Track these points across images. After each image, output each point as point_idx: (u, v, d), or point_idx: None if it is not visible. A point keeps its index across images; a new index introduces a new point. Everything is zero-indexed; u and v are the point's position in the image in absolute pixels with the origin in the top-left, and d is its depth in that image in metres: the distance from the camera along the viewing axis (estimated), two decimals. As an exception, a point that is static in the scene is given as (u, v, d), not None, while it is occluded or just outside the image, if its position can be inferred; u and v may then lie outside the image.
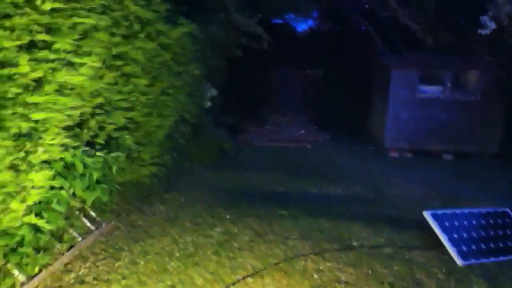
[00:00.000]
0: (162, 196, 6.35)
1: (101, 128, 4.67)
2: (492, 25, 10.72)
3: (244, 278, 4.04)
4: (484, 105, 11.00)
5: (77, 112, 3.88)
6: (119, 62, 4.87)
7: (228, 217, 5.69)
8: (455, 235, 4.83)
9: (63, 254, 4.09)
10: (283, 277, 4.10)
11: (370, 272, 4.29)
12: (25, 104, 3.01)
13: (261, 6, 13.26)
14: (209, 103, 9.38)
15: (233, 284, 3.92)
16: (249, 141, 11.53)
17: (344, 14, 15.47)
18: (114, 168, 4.58)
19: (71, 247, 4.27)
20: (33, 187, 3.22)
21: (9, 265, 3.49)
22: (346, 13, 15.36)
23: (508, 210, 5.53)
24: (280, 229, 5.34)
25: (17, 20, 2.82)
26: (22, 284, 3.49)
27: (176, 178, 7.44)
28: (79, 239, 4.44)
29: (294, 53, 14.89)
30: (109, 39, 4.47)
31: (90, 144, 4.50)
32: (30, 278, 3.61)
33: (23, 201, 3.13)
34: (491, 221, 5.27)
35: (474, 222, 5.14)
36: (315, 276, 4.16)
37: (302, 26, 17.44)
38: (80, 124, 4.31)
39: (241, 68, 12.68)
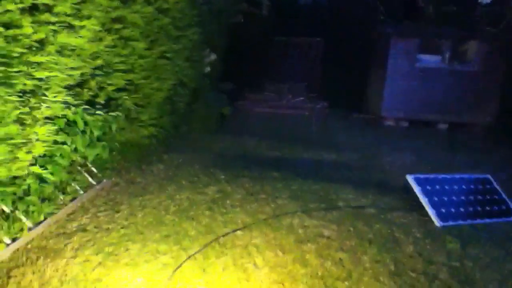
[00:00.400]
0: (161, 157, 6.64)
1: (101, 88, 4.89)
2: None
3: (234, 230, 4.34)
4: (482, 76, 11.12)
5: (78, 72, 4.08)
6: (118, 26, 5.03)
7: (222, 177, 5.97)
8: (436, 198, 5.11)
9: (66, 205, 4.40)
10: (270, 231, 4.41)
11: (351, 229, 4.59)
12: (29, 63, 3.21)
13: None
14: (208, 68, 9.54)
15: (224, 235, 4.22)
16: (247, 107, 11.73)
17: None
18: (114, 127, 4.82)
19: (73, 199, 4.58)
20: (37, 140, 3.48)
21: (17, 212, 3.79)
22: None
23: (489, 176, 5.79)
24: (271, 189, 5.63)
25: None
26: (29, 229, 3.80)
27: (175, 140, 7.71)
28: (81, 192, 4.74)
29: (295, 21, 14.87)
30: (108, 3, 4.62)
31: (91, 103, 4.73)
32: (37, 224, 3.92)
33: (29, 151, 3.39)
34: (472, 187, 5.54)
35: (455, 187, 5.41)
36: (300, 231, 4.46)
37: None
38: (81, 84, 4.52)
39: (241, 34, 12.73)
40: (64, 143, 4.02)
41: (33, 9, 3.37)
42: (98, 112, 4.52)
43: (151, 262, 3.66)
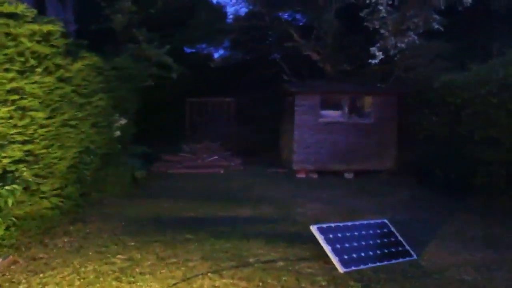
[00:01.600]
0: (67, 228, 6.35)
1: (-5, 162, 4.70)
2: (380, 56, 12.10)
3: (141, 300, 4.24)
4: (379, 127, 12.22)
5: (-33, 147, 3.93)
6: (14, 97, 4.95)
7: (132, 244, 5.84)
8: (338, 246, 5.41)
9: (-48, 292, 4.03)
10: (180, 296, 4.37)
11: (261, 284, 4.70)
12: None
13: (173, 36, 13.68)
14: (118, 133, 9.47)
15: (130, 306, 4.11)
16: (163, 169, 11.69)
17: (254, 44, 16.38)
18: (10, 201, 4.60)
19: (-38, 284, 4.21)
20: None
21: None
22: (256, 43, 16.28)
23: (385, 220, 6.28)
24: (183, 252, 5.60)
25: None
26: None
27: (84, 209, 7.43)
28: (-28, 275, 4.38)
29: (207, 81, 15.43)
30: (3, 75, 4.56)
31: (-17, 178, 4.51)
32: None
33: None
34: (371, 231, 5.96)
35: (355, 233, 5.78)
36: (210, 292, 4.47)
37: (215, 55, 18.12)
38: (-29, 159, 4.32)
39: (154, 97, 12.90)
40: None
41: None
42: (-9, 187, 4.31)
43: None
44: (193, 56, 16.93)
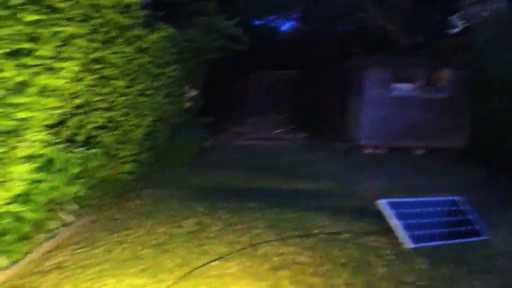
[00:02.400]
0: (140, 192, 6.75)
1: (81, 126, 5.06)
2: (461, 25, 11.33)
3: (209, 262, 4.45)
4: (452, 103, 11.59)
5: (57, 111, 4.26)
6: (98, 66, 5.25)
7: (200, 210, 6.10)
8: (406, 221, 5.30)
9: (43, 243, 4.47)
10: (246, 260, 4.53)
11: (325, 254, 4.74)
12: (10, 105, 3.39)
13: (241, 8, 13.69)
14: (188, 104, 9.80)
15: (199, 267, 4.33)
16: (226, 141, 11.96)
17: (323, 17, 15.98)
18: (93, 164, 4.95)
19: (51, 237, 4.65)
20: (15, 179, 3.61)
21: (-6, 251, 3.87)
22: (325, 15, 15.87)
23: (457, 198, 6.03)
24: (248, 220, 5.77)
25: (3, 31, 3.20)
26: (6, 268, 3.86)
27: (154, 175, 7.84)
28: (60, 230, 4.82)
29: (272, 54, 15.36)
30: (88, 45, 4.85)
31: (70, 141, 4.88)
32: (13, 263, 3.98)
33: (7, 190, 3.51)
34: (441, 209, 5.76)
35: (424, 209, 5.62)
36: (275, 258, 4.59)
37: (282, 28, 17.93)
38: (61, 123, 4.69)
39: (220, 70, 13.12)
40: (42, 181, 4.14)
41: (15, 53, 3.57)
42: (77, 150, 4.66)
43: (128, 295, 3.74)
44: (261, 29, 16.87)
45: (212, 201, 6.51)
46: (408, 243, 5.04)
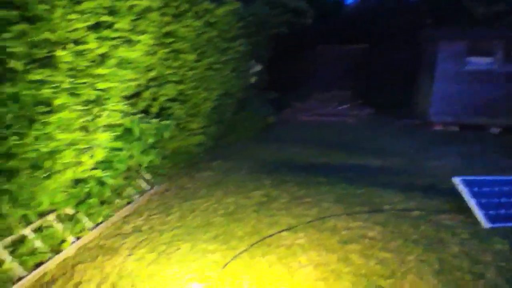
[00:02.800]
0: (209, 164, 6.93)
1: (155, 99, 5.25)
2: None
3: (279, 232, 4.51)
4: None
5: (134, 83, 4.44)
6: (170, 40, 5.38)
7: (268, 182, 6.16)
8: (483, 200, 5.02)
9: (122, 208, 4.75)
10: (314, 232, 4.53)
11: (396, 230, 4.62)
12: (93, 75, 3.58)
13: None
14: (254, 79, 9.82)
15: (269, 236, 4.39)
16: (291, 116, 11.90)
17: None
18: (166, 135, 5.14)
19: (129, 202, 4.92)
20: (99, 146, 3.83)
21: (79, 214, 4.16)
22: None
23: (542, 178, 5.61)
24: (316, 194, 5.75)
25: (86, 5, 3.35)
26: (90, 229, 4.15)
27: (222, 148, 8.01)
28: (136, 196, 5.09)
29: (339, 28, 14.92)
30: (161, 18, 4.97)
31: (145, 113, 5.09)
32: (96, 225, 4.27)
33: (91, 156, 3.74)
34: (522, 189, 5.38)
35: (504, 188, 5.28)
36: (344, 232, 4.55)
37: (348, 1, 17.33)
38: (136, 95, 4.89)
39: (286, 45, 12.97)
40: (121, 149, 4.37)
41: (96, 26, 3.73)
42: (152, 120, 4.85)
43: (201, 259, 3.89)
44: (326, 2, 16.42)
45: (278, 174, 6.55)
46: (484, 223, 4.77)
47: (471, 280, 3.69)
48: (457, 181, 5.26)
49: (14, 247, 3.41)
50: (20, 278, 3.26)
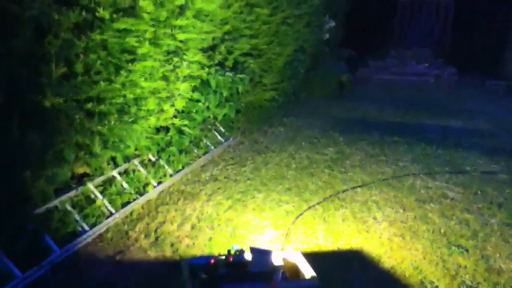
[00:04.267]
0: (281, 120, 6.92)
1: (229, 52, 5.26)
2: None
3: (353, 187, 4.45)
4: None
5: (210, 36, 4.47)
6: (243, -7, 5.31)
7: (341, 139, 6.05)
8: None
9: (199, 158, 4.92)
10: (390, 190, 4.42)
11: (479, 192, 4.38)
12: (172, 26, 3.64)
13: None
14: (327, 35, 9.50)
15: (343, 191, 4.35)
16: (368, 75, 11.44)
17: None
18: (240, 88, 5.18)
19: (205, 153, 5.09)
20: (179, 95, 3.95)
21: (161, 161, 4.37)
22: None
23: None
24: (392, 153, 5.57)
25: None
26: (171, 175, 4.36)
27: (295, 105, 7.93)
28: (212, 147, 5.23)
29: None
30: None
31: (220, 66, 5.13)
32: (176, 172, 4.47)
33: (172, 105, 3.88)
34: None
35: None
36: (422, 191, 4.39)
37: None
38: (212, 48, 4.93)
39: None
40: (198, 100, 4.47)
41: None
42: (227, 73, 4.89)
43: (275, 209, 3.95)
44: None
45: (352, 132, 6.40)
46: None
47: None
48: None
49: (104, 187, 3.68)
50: (110, 215, 3.53)
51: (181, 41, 3.84)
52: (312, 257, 2.87)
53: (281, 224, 3.69)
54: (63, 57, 2.64)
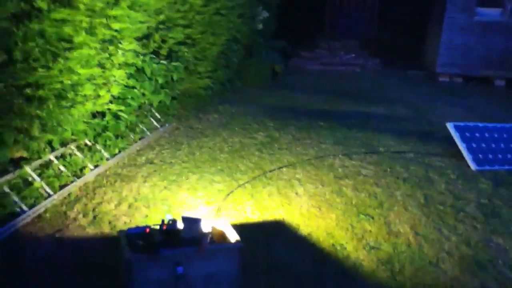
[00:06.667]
0: (216, 107, 7.24)
1: (164, 41, 5.49)
2: None
3: (279, 167, 4.89)
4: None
5: (145, 25, 4.68)
6: (177, -16, 5.54)
7: (272, 125, 6.49)
8: (474, 145, 5.34)
9: (136, 142, 5.13)
10: (312, 169, 4.91)
11: (388, 169, 4.99)
12: (107, 16, 3.83)
13: None
14: (260, 26, 9.90)
15: (270, 171, 4.78)
16: (300, 65, 12.03)
17: None
18: (175, 76, 5.43)
19: (141, 138, 5.30)
20: (115, 81, 4.15)
21: (97, 145, 4.55)
22: None
23: (534, 126, 5.87)
24: (316, 136, 6.09)
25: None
26: (107, 159, 4.55)
27: (229, 93, 8.28)
28: (148, 133, 5.46)
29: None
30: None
31: (155, 54, 5.35)
32: (113, 156, 4.66)
33: (108, 91, 4.07)
34: (515, 135, 5.67)
35: (495, 135, 5.58)
36: (340, 170, 4.93)
37: None
38: (147, 37, 5.13)
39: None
40: (134, 87, 4.68)
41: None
42: (162, 61, 5.13)
43: (208, 188, 4.30)
44: None
45: (282, 118, 6.86)
46: (472, 165, 5.12)
47: (451, 212, 4.08)
48: (450, 126, 5.55)
49: (42, 171, 3.82)
50: (49, 196, 3.69)
51: (116, 30, 4.03)
52: (241, 228, 3.26)
53: (213, 201, 4.05)
54: (2, 45, 2.78)
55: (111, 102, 4.34)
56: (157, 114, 5.93)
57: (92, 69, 3.67)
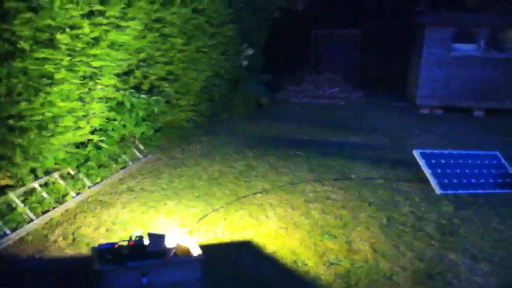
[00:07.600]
0: (199, 138, 7.57)
1: (145, 77, 5.87)
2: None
3: (254, 194, 5.17)
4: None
5: (125, 63, 5.06)
6: (158, 25, 5.97)
7: (251, 154, 6.80)
8: (439, 170, 5.64)
9: (117, 172, 5.42)
10: (284, 194, 5.19)
11: (357, 194, 5.27)
12: (87, 55, 4.20)
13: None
14: (246, 62, 10.37)
15: (244, 196, 5.05)
16: (285, 98, 12.47)
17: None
18: (156, 109, 5.78)
19: (123, 167, 5.59)
20: (94, 114, 4.48)
21: (80, 174, 4.83)
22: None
23: (498, 153, 6.20)
24: (293, 165, 6.39)
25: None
26: (89, 187, 4.83)
27: (214, 125, 8.63)
28: (130, 163, 5.75)
29: (333, 12, 15.37)
30: (149, 6, 5.55)
31: (137, 89, 5.71)
32: (94, 184, 4.94)
33: (88, 123, 4.40)
34: (479, 162, 5.98)
35: (460, 161, 5.89)
36: (310, 194, 5.21)
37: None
38: (128, 73, 5.51)
39: (280, 28, 13.46)
40: (115, 119, 5.01)
41: (90, 14, 4.34)
42: (142, 96, 5.49)
43: (184, 212, 4.56)
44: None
45: (262, 148, 7.18)
46: (437, 189, 5.41)
47: (411, 232, 4.35)
48: (416, 153, 5.88)
49: (25, 198, 4.09)
50: (31, 221, 3.94)
51: (96, 68, 4.40)
52: (212, 247, 3.54)
53: (187, 224, 4.31)
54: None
55: (92, 133, 4.66)
56: (140, 146, 6.24)
57: (73, 103, 4.01)
